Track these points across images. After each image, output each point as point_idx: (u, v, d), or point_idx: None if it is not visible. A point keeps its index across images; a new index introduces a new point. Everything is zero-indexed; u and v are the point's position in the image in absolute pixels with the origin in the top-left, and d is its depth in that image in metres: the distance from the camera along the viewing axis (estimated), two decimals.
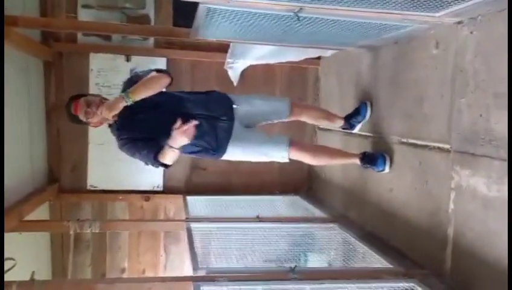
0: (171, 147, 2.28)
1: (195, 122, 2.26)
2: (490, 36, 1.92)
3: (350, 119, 3.02)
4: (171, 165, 2.44)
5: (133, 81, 2.47)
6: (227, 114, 2.61)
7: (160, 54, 3.94)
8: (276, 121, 2.89)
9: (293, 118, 2.89)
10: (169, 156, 2.34)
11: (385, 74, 2.84)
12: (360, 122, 3.00)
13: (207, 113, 2.55)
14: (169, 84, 2.47)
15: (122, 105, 2.29)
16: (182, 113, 2.39)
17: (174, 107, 2.51)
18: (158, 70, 2.48)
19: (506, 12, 1.81)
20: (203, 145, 2.54)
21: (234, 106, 2.65)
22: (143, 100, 2.33)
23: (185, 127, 2.22)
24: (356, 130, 3.06)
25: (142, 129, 2.46)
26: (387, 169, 2.68)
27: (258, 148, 2.63)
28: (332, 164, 3.23)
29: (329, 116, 3.09)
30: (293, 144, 2.65)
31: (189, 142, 2.29)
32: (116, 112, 2.32)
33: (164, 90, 2.52)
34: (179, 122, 2.23)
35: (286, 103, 2.84)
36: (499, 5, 1.81)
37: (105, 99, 2.52)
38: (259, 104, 2.77)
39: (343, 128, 3.10)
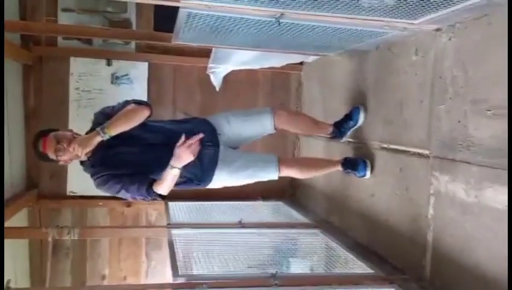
0: (173, 167, 2.13)
1: (200, 135, 2.14)
2: (468, 43, 1.95)
3: (341, 126, 2.81)
4: (166, 196, 2.29)
5: (105, 113, 2.33)
6: (212, 140, 2.48)
7: (142, 59, 3.91)
8: (260, 137, 2.78)
9: (279, 128, 2.70)
10: (169, 179, 2.17)
11: (367, 80, 2.86)
12: (351, 128, 2.80)
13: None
14: (149, 116, 2.34)
15: (97, 141, 2.14)
16: (169, 143, 2.22)
17: (160, 138, 2.36)
18: (136, 102, 2.34)
19: (482, 19, 1.84)
20: (186, 176, 2.38)
21: (218, 134, 2.54)
22: (119, 134, 2.20)
23: (190, 141, 2.10)
24: (344, 139, 2.88)
25: (125, 165, 2.29)
26: (368, 174, 2.69)
27: (246, 172, 2.53)
28: (319, 175, 3.11)
29: (318, 124, 2.92)
30: (281, 162, 2.58)
31: (193, 159, 2.14)
32: (91, 148, 2.16)
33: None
34: (183, 138, 2.10)
35: (269, 116, 2.64)
36: (476, 13, 1.84)
37: (77, 134, 2.32)
38: (241, 126, 2.62)
39: (332, 137, 2.89)
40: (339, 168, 2.82)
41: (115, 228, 3.80)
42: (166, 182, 2.19)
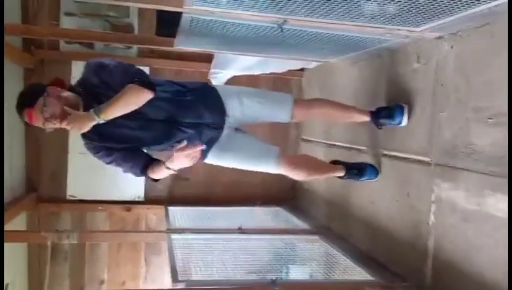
0: (168, 168, 2.04)
1: (202, 147, 1.99)
2: (470, 51, 1.95)
3: (379, 118, 2.51)
4: (158, 180, 2.24)
5: (100, 73, 2.07)
6: (217, 122, 2.28)
7: (143, 63, 3.91)
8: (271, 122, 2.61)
9: (296, 121, 2.52)
10: (162, 174, 2.13)
11: (368, 86, 2.86)
12: (386, 125, 2.52)
13: (197, 121, 2.22)
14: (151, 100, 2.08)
15: (92, 124, 1.94)
16: (170, 121, 2.12)
17: (162, 115, 2.16)
18: (141, 82, 1.99)
19: (485, 27, 1.85)
20: None
21: (226, 116, 2.30)
22: None
23: (190, 151, 1.94)
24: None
25: (120, 139, 2.14)
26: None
27: (244, 161, 2.38)
28: (319, 178, 2.89)
29: (347, 109, 2.61)
30: (281, 158, 2.39)
31: (191, 165, 2.01)
32: (86, 130, 1.97)
33: None
34: (183, 144, 1.95)
35: (288, 108, 2.39)
36: (478, 21, 1.85)
37: (68, 103, 2.01)
38: (254, 110, 2.36)
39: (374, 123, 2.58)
40: (342, 173, 2.62)
41: (114, 233, 3.79)
42: (160, 175, 2.15)
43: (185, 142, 1.96)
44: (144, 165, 2.18)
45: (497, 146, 1.76)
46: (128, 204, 3.91)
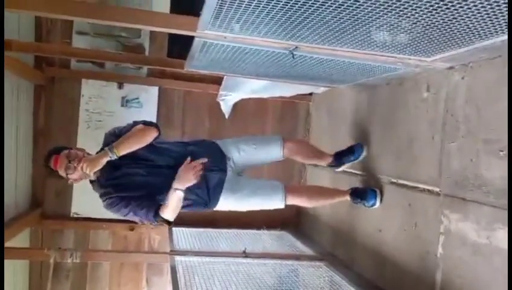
0: (177, 189, 2.17)
1: (203, 160, 2.19)
2: (481, 83, 1.95)
3: (341, 158, 2.89)
4: (173, 222, 2.30)
5: (115, 134, 2.36)
6: (219, 165, 2.50)
7: (153, 83, 3.94)
8: (269, 162, 2.83)
9: (286, 156, 2.76)
10: (174, 201, 2.20)
11: (376, 114, 2.86)
12: (351, 161, 2.88)
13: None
14: (157, 137, 2.37)
15: (105, 160, 2.17)
16: (176, 166, 2.28)
17: (167, 161, 2.37)
18: (145, 123, 2.37)
19: (497, 60, 1.85)
20: (192, 198, 2.40)
21: (227, 159, 2.56)
22: (126, 154, 2.23)
23: (193, 163, 2.14)
24: (341, 169, 2.96)
25: (133, 187, 2.31)
26: (378, 203, 2.63)
27: (252, 198, 2.53)
28: (326, 204, 3.09)
29: (321, 153, 2.99)
30: (288, 190, 2.57)
31: (195, 182, 2.19)
32: (99, 167, 2.18)
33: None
34: (188, 160, 2.16)
35: (279, 145, 2.69)
36: (490, 53, 1.85)
37: (89, 154, 2.35)
38: (251, 154, 2.64)
39: (330, 166, 2.97)
40: (348, 198, 2.78)
41: (117, 252, 3.76)
42: (171, 206, 2.21)
43: (188, 159, 2.15)
44: (156, 208, 2.26)
45: (508, 179, 1.73)
46: (131, 223, 3.88)
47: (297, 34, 1.87)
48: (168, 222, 2.29)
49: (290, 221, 4.07)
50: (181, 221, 3.85)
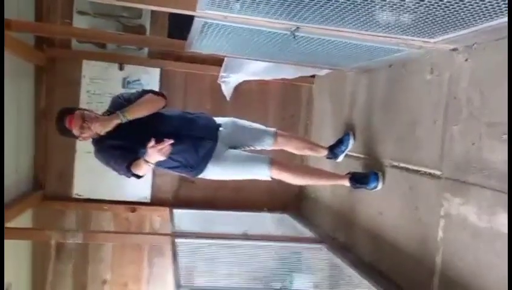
0: (146, 161, 2.29)
1: (170, 141, 2.24)
2: (485, 65, 1.92)
3: (334, 149, 3.07)
4: (142, 176, 2.45)
5: (122, 98, 2.56)
6: (211, 135, 2.65)
7: (154, 64, 3.91)
8: (259, 148, 2.89)
9: (276, 148, 2.91)
10: (142, 169, 2.37)
11: (379, 96, 2.83)
12: (343, 151, 3.05)
13: (190, 133, 2.58)
14: (164, 107, 2.55)
15: (117, 122, 2.35)
16: (165, 132, 2.40)
17: (160, 124, 2.53)
18: (154, 92, 2.57)
19: (502, 41, 1.81)
20: (180, 161, 2.56)
21: (220, 129, 2.70)
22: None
23: (160, 146, 2.21)
24: (340, 159, 3.08)
25: (125, 139, 2.45)
26: (380, 186, 2.64)
27: (238, 167, 2.65)
28: (317, 185, 3.20)
29: (313, 146, 3.12)
30: (273, 162, 2.65)
31: (164, 158, 2.27)
32: (110, 128, 2.36)
33: None
34: (152, 142, 2.21)
35: (271, 134, 2.87)
36: (495, 35, 1.81)
37: (97, 114, 2.53)
38: (244, 130, 2.82)
39: (328, 158, 3.11)
40: (346, 183, 2.78)
41: (118, 234, 3.78)
42: (141, 169, 2.37)
43: (153, 141, 2.21)
44: (130, 161, 2.40)
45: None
46: (133, 205, 3.90)
47: (299, 14, 1.84)
48: (138, 176, 2.44)
49: (290, 204, 4.08)
50: (182, 203, 3.93)
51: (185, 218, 3.57)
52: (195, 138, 2.57)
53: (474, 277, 1.86)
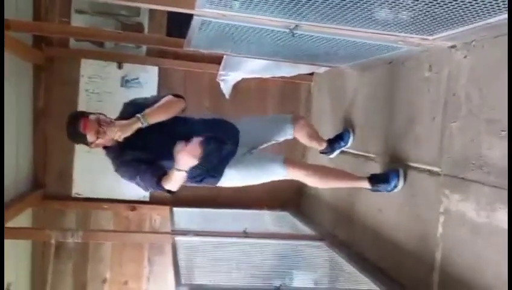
0: (178, 169, 2.09)
1: (199, 138, 2.07)
2: (484, 62, 1.92)
3: (333, 145, 3.03)
4: (175, 192, 2.25)
5: (136, 104, 2.38)
6: (232, 139, 2.53)
7: (153, 63, 3.91)
8: (281, 140, 2.79)
9: (296, 135, 2.77)
10: (175, 180, 2.15)
11: (378, 93, 2.84)
12: (341, 147, 3.04)
13: (216, 137, 2.45)
14: (184, 109, 2.43)
15: (136, 127, 2.18)
16: (188, 135, 2.17)
17: (181, 129, 2.36)
18: (174, 95, 2.41)
19: (500, 38, 1.82)
20: (205, 166, 2.33)
21: (240, 135, 2.57)
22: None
23: (189, 147, 2.02)
24: (333, 156, 3.08)
25: (148, 150, 2.29)
26: (401, 184, 2.43)
27: (252, 168, 2.52)
28: (334, 187, 2.82)
29: (319, 137, 3.00)
30: (287, 161, 2.50)
31: (196, 162, 2.07)
32: (130, 133, 2.18)
33: None
34: (181, 145, 2.04)
35: (289, 121, 2.74)
36: (494, 32, 1.82)
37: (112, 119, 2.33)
38: (263, 126, 2.75)
39: (323, 152, 3.07)
40: (366, 184, 2.55)
41: (118, 233, 3.78)
42: (173, 181, 2.16)
43: (182, 143, 2.04)
44: (159, 176, 2.20)
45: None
46: (133, 203, 3.90)
47: (298, 12, 1.84)
48: (170, 192, 2.25)
49: (290, 201, 4.08)
50: (182, 201, 3.92)
51: (185, 216, 3.57)
52: (220, 142, 2.45)
53: (473, 273, 1.86)
